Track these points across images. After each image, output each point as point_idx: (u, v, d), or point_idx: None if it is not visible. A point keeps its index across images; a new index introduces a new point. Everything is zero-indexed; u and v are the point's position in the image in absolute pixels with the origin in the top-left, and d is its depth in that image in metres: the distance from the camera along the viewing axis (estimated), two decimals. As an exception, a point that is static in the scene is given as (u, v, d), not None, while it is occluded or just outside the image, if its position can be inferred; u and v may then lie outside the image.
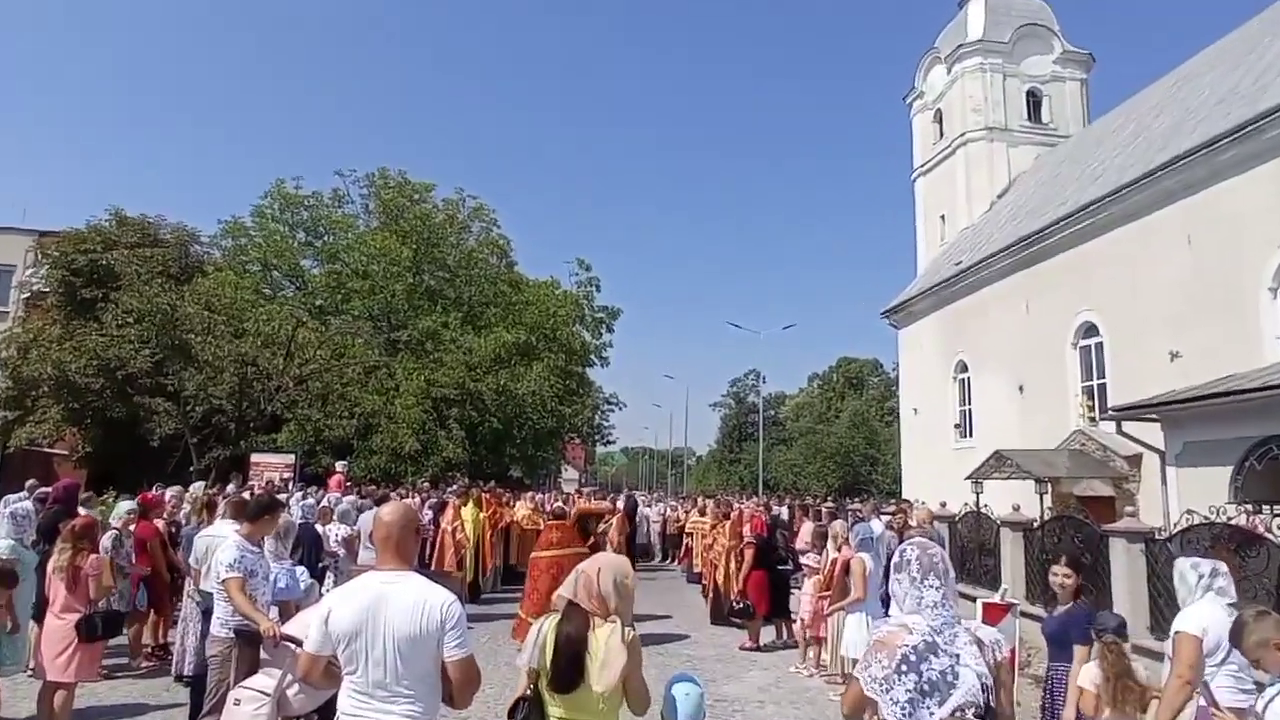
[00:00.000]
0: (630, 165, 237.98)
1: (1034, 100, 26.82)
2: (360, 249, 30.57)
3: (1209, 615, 3.85)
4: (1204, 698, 3.64)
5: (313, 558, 8.53)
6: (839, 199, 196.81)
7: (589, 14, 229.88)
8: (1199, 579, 3.99)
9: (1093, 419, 17.53)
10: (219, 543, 5.65)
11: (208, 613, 5.39)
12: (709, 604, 12.25)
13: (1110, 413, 15.42)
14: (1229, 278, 14.18)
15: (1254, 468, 11.56)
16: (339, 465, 18.60)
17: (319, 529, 9.63)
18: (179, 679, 7.37)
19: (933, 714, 2.48)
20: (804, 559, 10.11)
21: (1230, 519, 7.95)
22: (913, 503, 17.23)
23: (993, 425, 20.94)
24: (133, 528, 8.07)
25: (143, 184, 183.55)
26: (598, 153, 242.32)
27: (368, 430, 26.30)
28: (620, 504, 17.44)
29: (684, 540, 17.56)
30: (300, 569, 5.87)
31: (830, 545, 8.95)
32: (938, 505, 14.29)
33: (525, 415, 30.03)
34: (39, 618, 6.20)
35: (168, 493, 10.41)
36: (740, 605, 10.38)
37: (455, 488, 16.15)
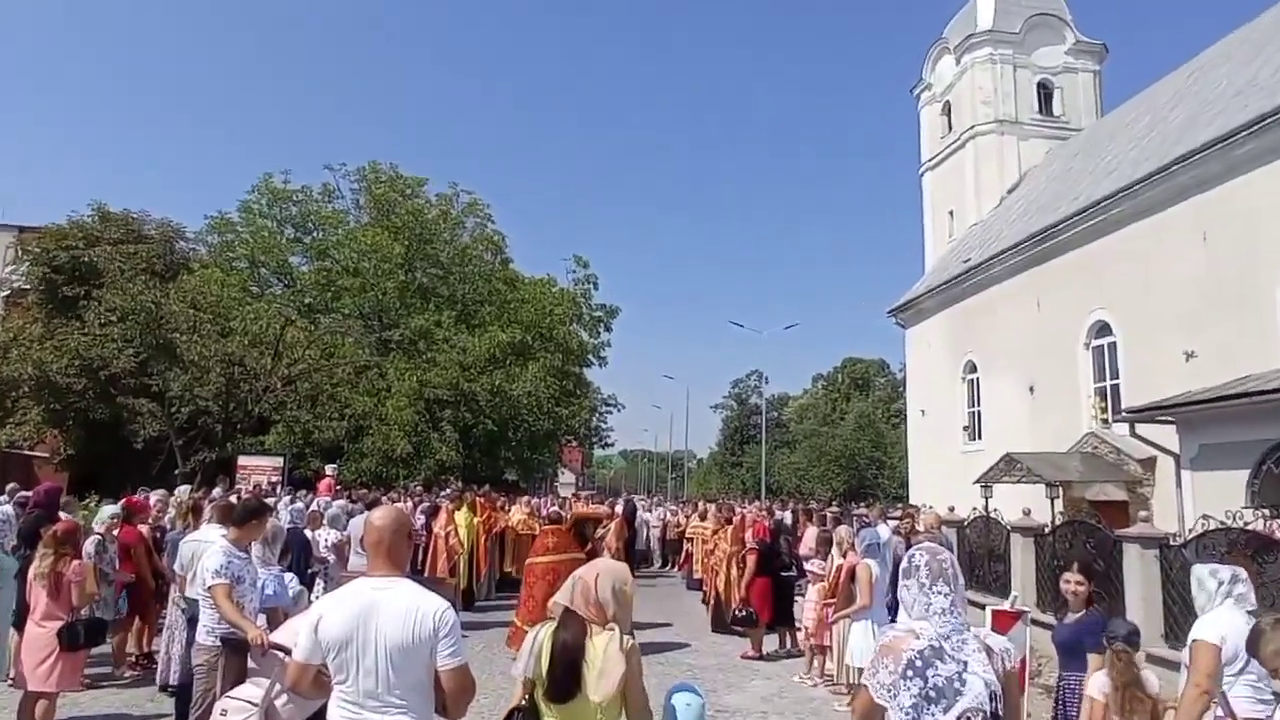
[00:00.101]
0: (629, 161, 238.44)
1: (1045, 92, 26.79)
2: (351, 245, 30.58)
3: (1228, 623, 3.84)
4: (1222, 708, 3.65)
5: (302, 564, 8.54)
6: (844, 195, 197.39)
7: (588, 7, 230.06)
8: (1218, 585, 3.98)
9: (1105, 421, 17.54)
10: (205, 548, 5.65)
11: (193, 620, 5.39)
12: (710, 611, 12.25)
13: (1123, 414, 15.42)
14: (1245, 275, 14.18)
15: (1271, 471, 11.58)
16: (329, 468, 18.63)
17: (308, 534, 9.63)
18: (164, 689, 7.36)
19: None
20: (808, 565, 10.11)
21: (1247, 524, 7.95)
22: (920, 507, 17.24)
23: (1002, 427, 20.95)
24: (116, 533, 8.09)
25: (127, 178, 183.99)
26: (595, 148, 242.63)
27: (358, 432, 26.30)
28: (619, 508, 17.44)
29: (684, 546, 17.57)
30: (289, 575, 5.88)
31: (835, 551, 8.95)
32: (946, 509, 14.29)
33: (521, 417, 30.04)
34: (19, 625, 6.20)
35: (152, 496, 10.40)
36: (742, 613, 10.39)
37: (448, 491, 16.15)
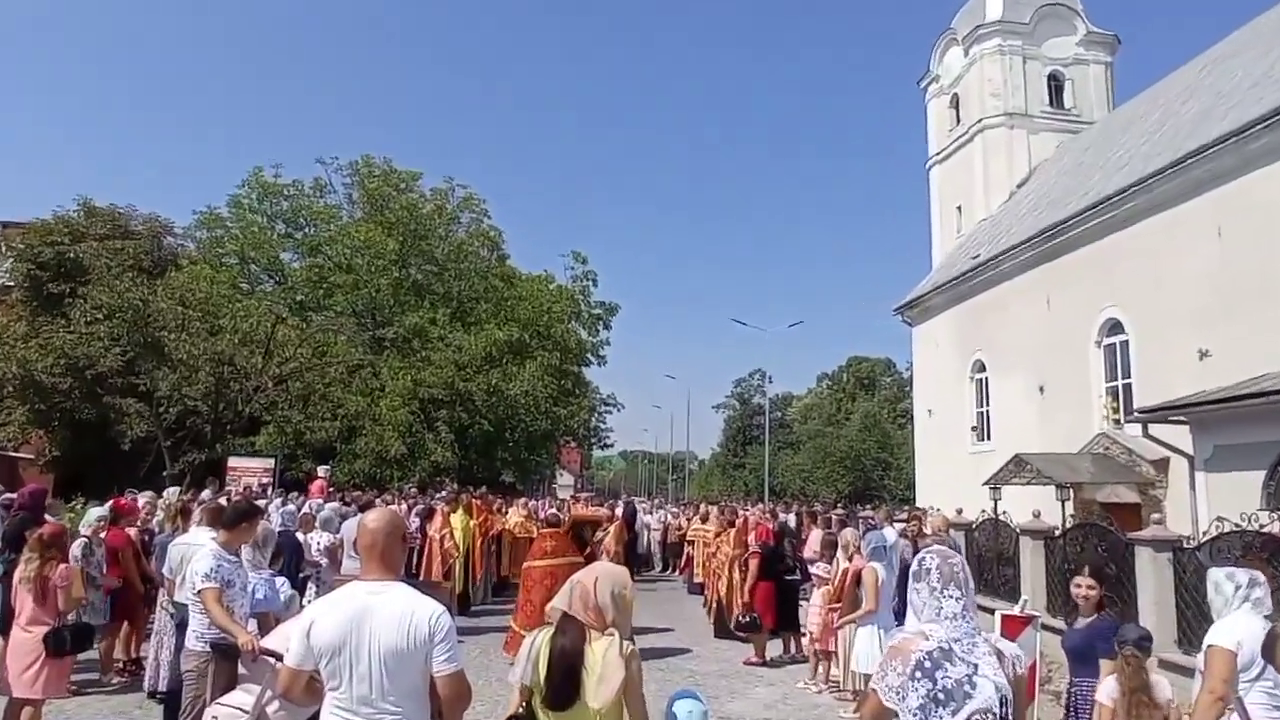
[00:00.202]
0: (628, 158, 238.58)
1: (1056, 84, 26.78)
2: (343, 241, 30.59)
3: (1244, 628, 3.84)
4: (1238, 715, 3.64)
5: (293, 567, 8.56)
6: (849, 190, 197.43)
7: (588, 7, 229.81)
8: (1236, 589, 3.98)
9: (1117, 421, 17.54)
10: (194, 551, 5.65)
11: (182, 625, 5.39)
12: (712, 616, 12.26)
13: (1136, 414, 15.42)
14: (1261, 271, 14.15)
15: (1288, 472, 11.58)
16: (321, 470, 18.64)
17: (300, 537, 9.65)
18: (152, 695, 7.36)
19: None
20: (813, 569, 10.12)
21: (1263, 526, 7.95)
22: (927, 509, 17.25)
23: (1012, 427, 20.96)
24: (104, 535, 8.08)
25: (113, 172, 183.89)
26: (593, 145, 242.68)
27: (351, 433, 26.32)
28: (618, 511, 17.46)
29: (685, 549, 17.58)
30: (280, 579, 5.88)
31: (840, 554, 8.96)
32: (954, 512, 14.30)
33: (518, 417, 30.06)
34: (4, 631, 6.19)
35: (140, 499, 10.41)
36: (745, 618, 10.39)
37: (444, 493, 16.17)
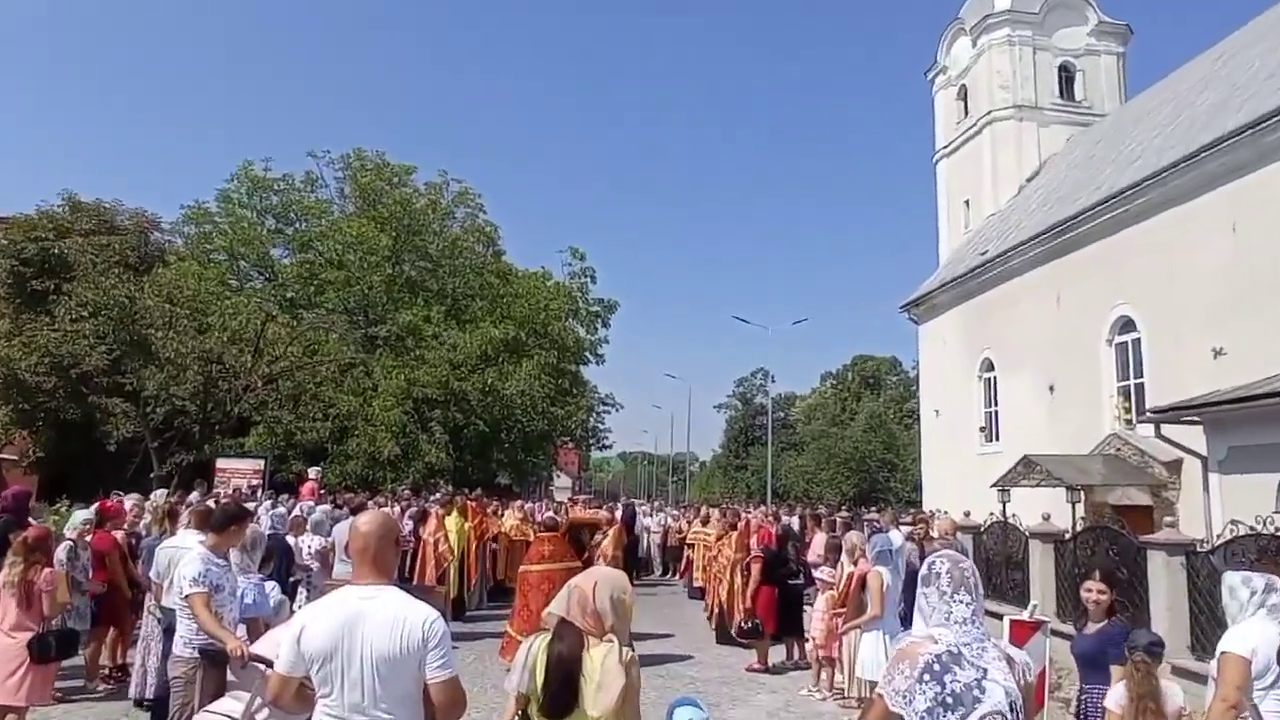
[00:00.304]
0: (627, 151, 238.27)
1: (1066, 76, 26.76)
2: (335, 237, 30.59)
3: (1259, 634, 3.84)
4: (1251, 722, 3.65)
5: (284, 571, 8.57)
6: (854, 184, 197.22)
7: (588, 3, 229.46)
8: (1251, 595, 3.98)
9: (1129, 421, 17.55)
10: (182, 555, 5.65)
11: (170, 631, 5.39)
12: (713, 622, 12.27)
13: (1148, 415, 15.42)
14: (1277, 268, 14.12)
15: (1304, 474, 11.58)
16: (312, 471, 18.68)
17: (290, 540, 9.67)
18: (139, 703, 7.36)
19: None
20: (816, 573, 10.12)
21: (1278, 530, 7.97)
22: (934, 512, 17.27)
23: (1020, 428, 20.96)
24: (89, 539, 8.08)
25: (99, 166, 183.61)
26: (591, 139, 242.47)
27: (343, 433, 26.33)
28: (618, 514, 17.46)
29: (685, 553, 17.59)
30: (270, 584, 5.88)
31: (845, 558, 8.97)
32: (961, 514, 14.32)
33: (514, 417, 30.06)
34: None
35: (127, 501, 10.41)
36: (748, 624, 10.40)
37: (438, 496, 16.19)
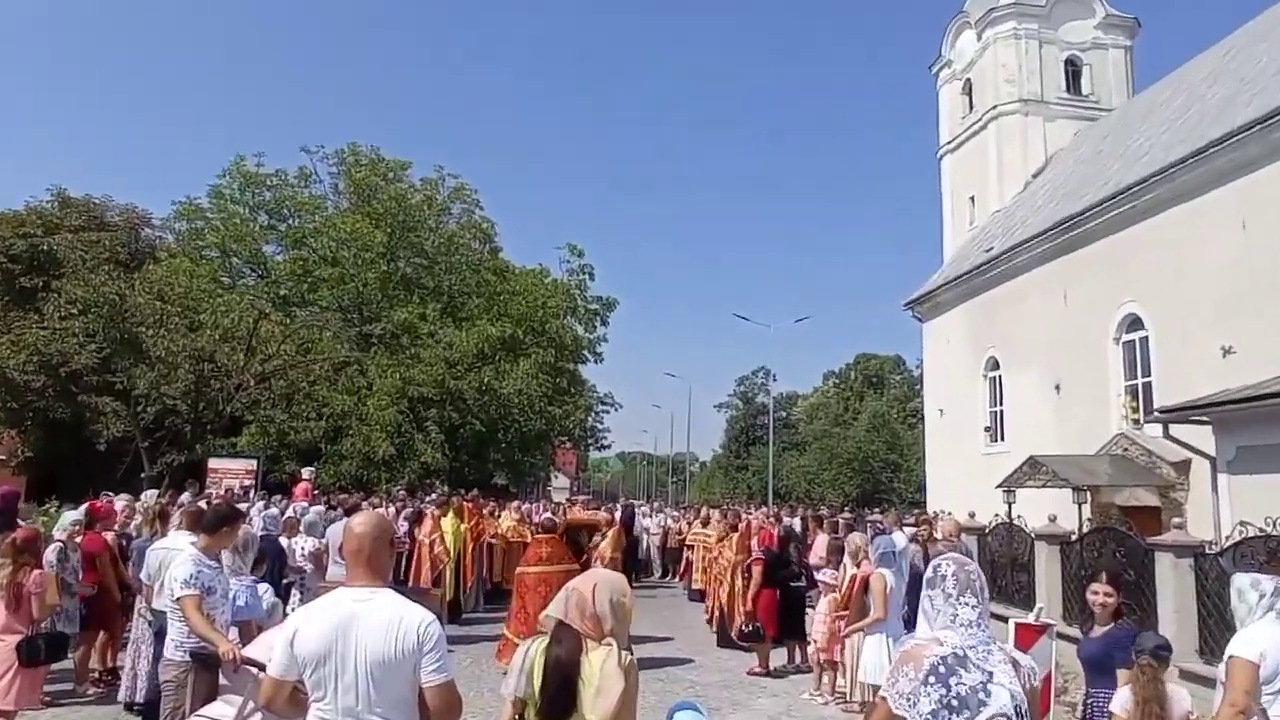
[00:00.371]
0: (626, 147, 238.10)
1: (1073, 70, 26.77)
2: (329, 233, 30.55)
3: (1268, 638, 3.84)
4: (1260, 728, 3.65)
5: (276, 573, 8.56)
6: (858, 180, 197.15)
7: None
8: (1260, 598, 3.98)
9: (1136, 421, 17.56)
10: (173, 556, 5.65)
11: (161, 633, 5.39)
12: (714, 625, 12.28)
13: (1156, 414, 15.43)
14: (1288, 265, 14.19)
15: (1314, 475, 11.60)
16: (305, 472, 18.64)
17: (283, 542, 9.67)
18: (129, 707, 7.36)
19: None
20: (819, 575, 10.12)
21: (1288, 531, 7.97)
22: (938, 514, 17.27)
23: (1026, 428, 20.98)
24: (79, 540, 8.07)
25: (88, 161, 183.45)
26: (590, 134, 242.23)
27: (337, 433, 26.31)
28: (617, 515, 17.46)
29: (684, 554, 17.60)
30: (263, 586, 5.88)
31: (847, 560, 8.96)
32: (966, 515, 14.31)
33: (511, 417, 30.05)
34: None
35: (117, 502, 10.41)
36: (748, 627, 10.40)
37: (434, 496, 16.19)
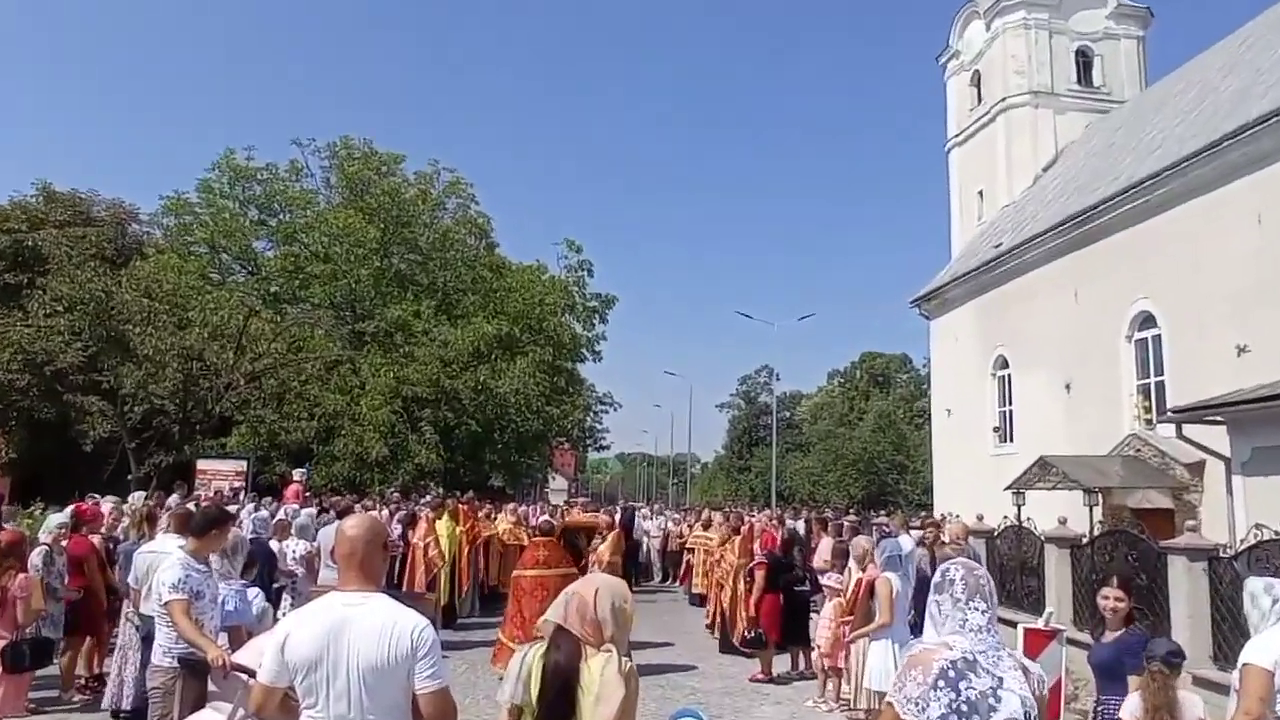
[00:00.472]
0: (625, 142, 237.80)
1: (1084, 61, 26.76)
2: (320, 228, 30.54)
3: (1282, 644, 3.84)
4: (1275, 737, 3.64)
5: (267, 577, 8.55)
6: (863, 174, 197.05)
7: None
8: (1273, 603, 3.97)
9: (1149, 421, 17.56)
10: (161, 560, 5.64)
11: (148, 639, 5.39)
12: (715, 630, 12.28)
13: (1169, 414, 15.43)
14: (1304, 262, 14.19)
15: (1331, 477, 11.60)
16: (297, 473, 18.68)
17: (274, 545, 9.66)
18: (115, 714, 7.35)
19: None
20: (823, 579, 10.12)
21: (1304, 534, 7.96)
22: (945, 516, 17.27)
23: (1036, 428, 20.98)
24: (65, 543, 8.07)
25: (74, 155, 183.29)
26: (588, 128, 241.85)
27: (329, 433, 26.32)
28: (617, 518, 17.46)
29: (685, 558, 17.60)
30: (253, 590, 5.89)
31: (853, 564, 8.96)
32: (974, 518, 14.31)
33: (507, 416, 30.05)
34: (-43, 645, 6.20)
35: (104, 504, 10.42)
36: (751, 632, 10.40)
37: (428, 499, 16.18)
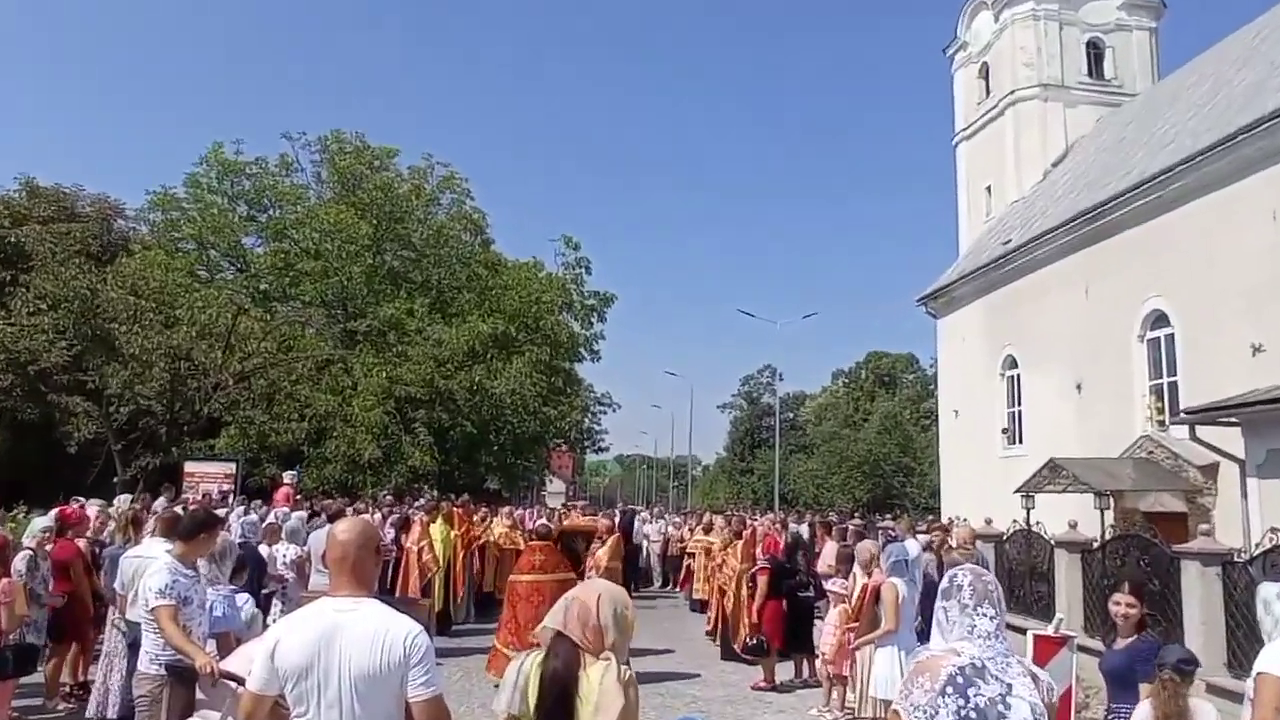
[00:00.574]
0: (624, 137, 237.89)
1: (1095, 53, 26.75)
2: (311, 224, 30.54)
3: (1296, 652, 3.84)
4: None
5: (256, 583, 8.54)
6: (868, 170, 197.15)
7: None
8: (1287, 609, 3.98)
9: (1162, 423, 17.56)
10: (148, 565, 5.64)
11: (135, 646, 5.40)
12: (717, 637, 12.29)
13: (1182, 415, 15.43)
14: (1321, 259, 14.20)
15: (1348, 479, 11.61)
16: (287, 475, 18.64)
17: (264, 549, 9.65)
18: (101, 723, 7.36)
19: None
20: (827, 585, 10.12)
21: (1320, 539, 7.97)
22: (953, 520, 17.26)
23: (1046, 430, 20.99)
24: (49, 548, 8.06)
25: (58, 149, 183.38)
26: (587, 123, 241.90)
27: (320, 435, 26.32)
28: (616, 521, 17.45)
29: (685, 562, 17.59)
30: (242, 596, 5.89)
31: (858, 569, 8.96)
32: (982, 522, 14.30)
33: (503, 417, 30.06)
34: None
35: (89, 507, 10.40)
36: (753, 639, 10.41)
37: (422, 502, 16.18)
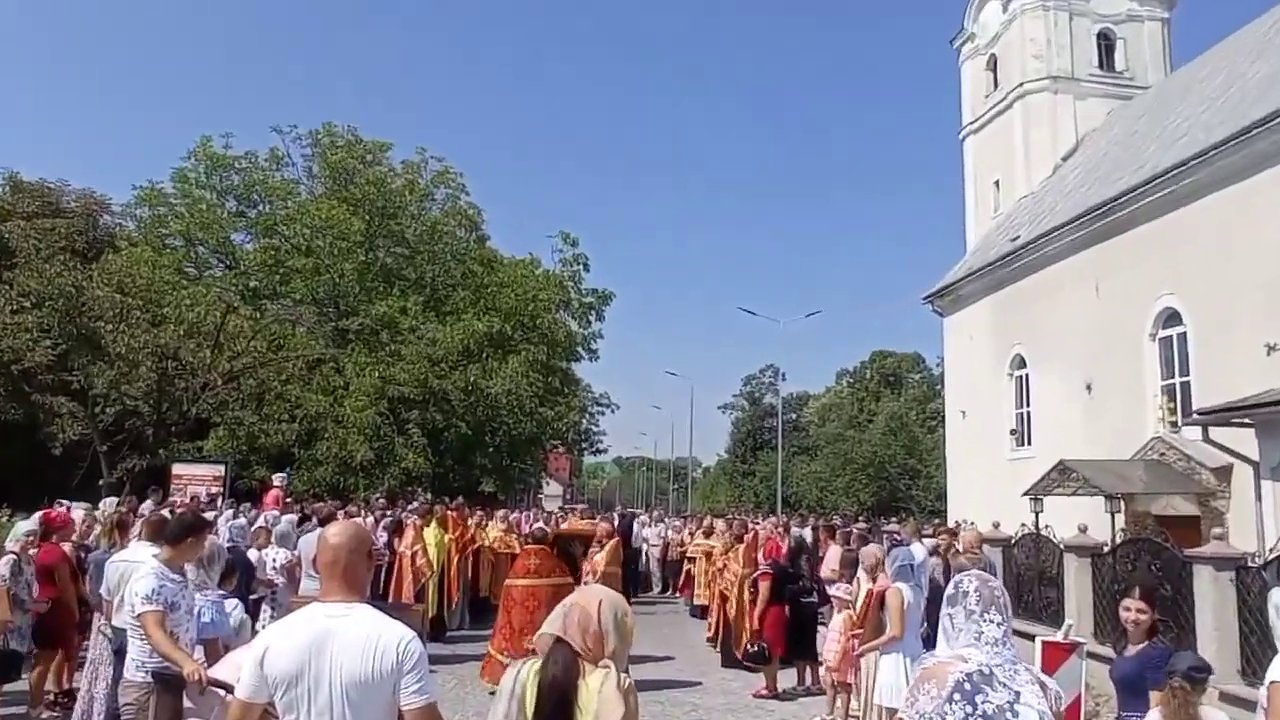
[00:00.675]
0: (623, 132, 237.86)
1: (1106, 44, 26.77)
2: (302, 220, 30.50)
3: (1309, 661, 3.85)
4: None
5: (245, 588, 8.54)
6: (873, 165, 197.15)
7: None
8: (1299, 616, 3.99)
9: (1174, 424, 17.57)
10: (134, 570, 5.63)
11: (121, 652, 5.39)
12: (717, 643, 12.29)
13: (1195, 416, 15.44)
14: (1336, 256, 14.21)
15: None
16: (277, 478, 18.60)
17: (253, 554, 9.66)
18: (86, 731, 7.35)
19: None
20: (831, 590, 10.13)
21: (1336, 543, 7.99)
22: (960, 524, 17.28)
23: (1055, 431, 21.00)
24: (33, 552, 8.06)
25: (42, 143, 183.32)
26: (585, 119, 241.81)
27: (311, 436, 26.30)
28: (615, 524, 17.45)
29: (685, 567, 17.60)
30: (230, 601, 5.88)
31: (862, 574, 8.96)
32: (990, 525, 14.33)
33: (499, 418, 30.04)
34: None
35: (75, 510, 10.39)
36: (754, 646, 10.41)
37: (415, 505, 16.15)
